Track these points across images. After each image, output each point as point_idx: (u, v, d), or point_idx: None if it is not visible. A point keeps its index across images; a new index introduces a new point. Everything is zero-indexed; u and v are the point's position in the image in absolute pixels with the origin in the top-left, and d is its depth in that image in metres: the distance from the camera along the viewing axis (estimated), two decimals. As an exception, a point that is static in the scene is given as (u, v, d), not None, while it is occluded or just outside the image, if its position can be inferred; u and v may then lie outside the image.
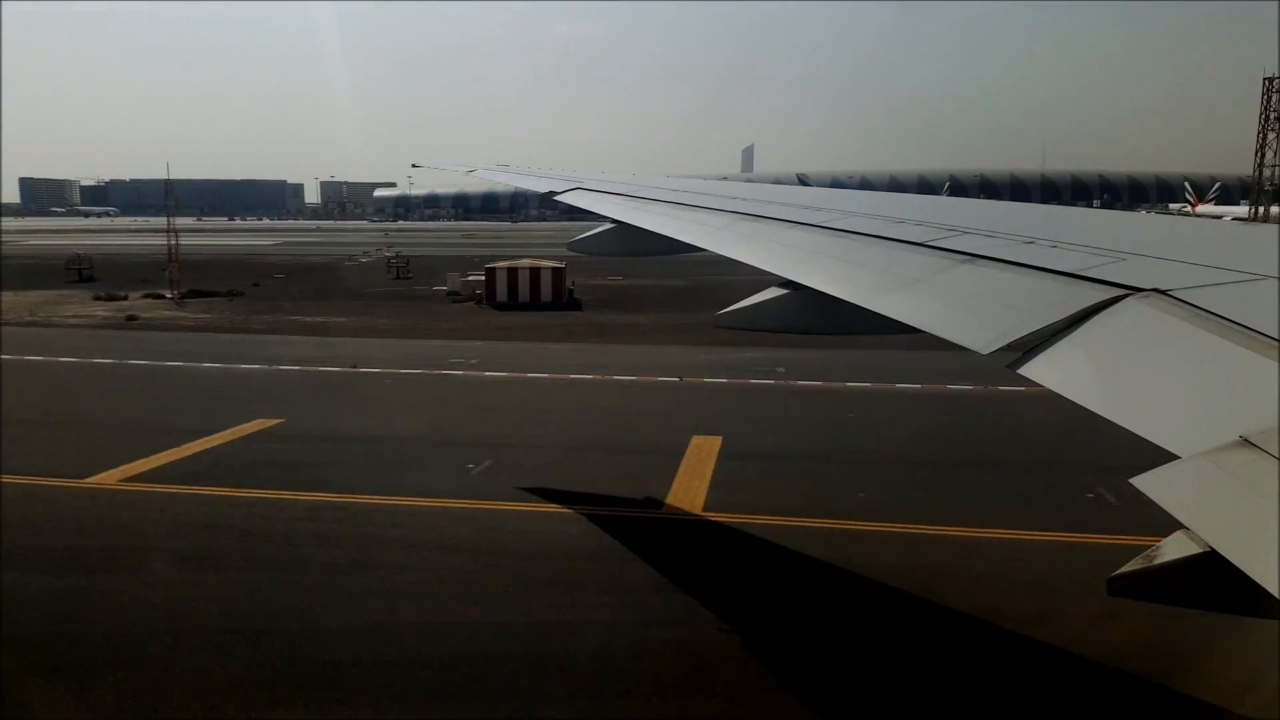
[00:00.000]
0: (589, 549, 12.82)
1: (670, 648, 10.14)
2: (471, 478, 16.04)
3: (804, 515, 13.97)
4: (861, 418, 21.20)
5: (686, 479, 15.78)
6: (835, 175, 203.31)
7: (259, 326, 38.29)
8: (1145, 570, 2.81)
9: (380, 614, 10.88)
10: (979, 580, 11.90)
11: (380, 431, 19.96)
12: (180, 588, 11.68)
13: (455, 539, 13.23)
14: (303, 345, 33.08)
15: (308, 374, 27.41)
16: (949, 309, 4.79)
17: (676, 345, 32.38)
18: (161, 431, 19.06)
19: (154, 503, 14.88)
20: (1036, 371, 3.63)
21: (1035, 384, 3.60)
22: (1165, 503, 2.40)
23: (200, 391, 25.36)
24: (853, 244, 6.45)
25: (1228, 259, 4.22)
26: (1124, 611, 7.79)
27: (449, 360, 28.84)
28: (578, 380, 25.99)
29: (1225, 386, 2.96)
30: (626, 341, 33.92)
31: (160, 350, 31.51)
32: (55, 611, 10.97)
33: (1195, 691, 8.93)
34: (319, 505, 14.56)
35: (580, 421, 21.09)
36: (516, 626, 10.59)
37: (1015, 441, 18.84)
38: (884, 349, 27.74)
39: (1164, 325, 3.44)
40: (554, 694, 9.11)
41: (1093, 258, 4.55)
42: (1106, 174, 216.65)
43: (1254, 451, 2.38)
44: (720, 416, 21.03)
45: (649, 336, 34.97)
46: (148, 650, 10.00)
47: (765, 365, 26.88)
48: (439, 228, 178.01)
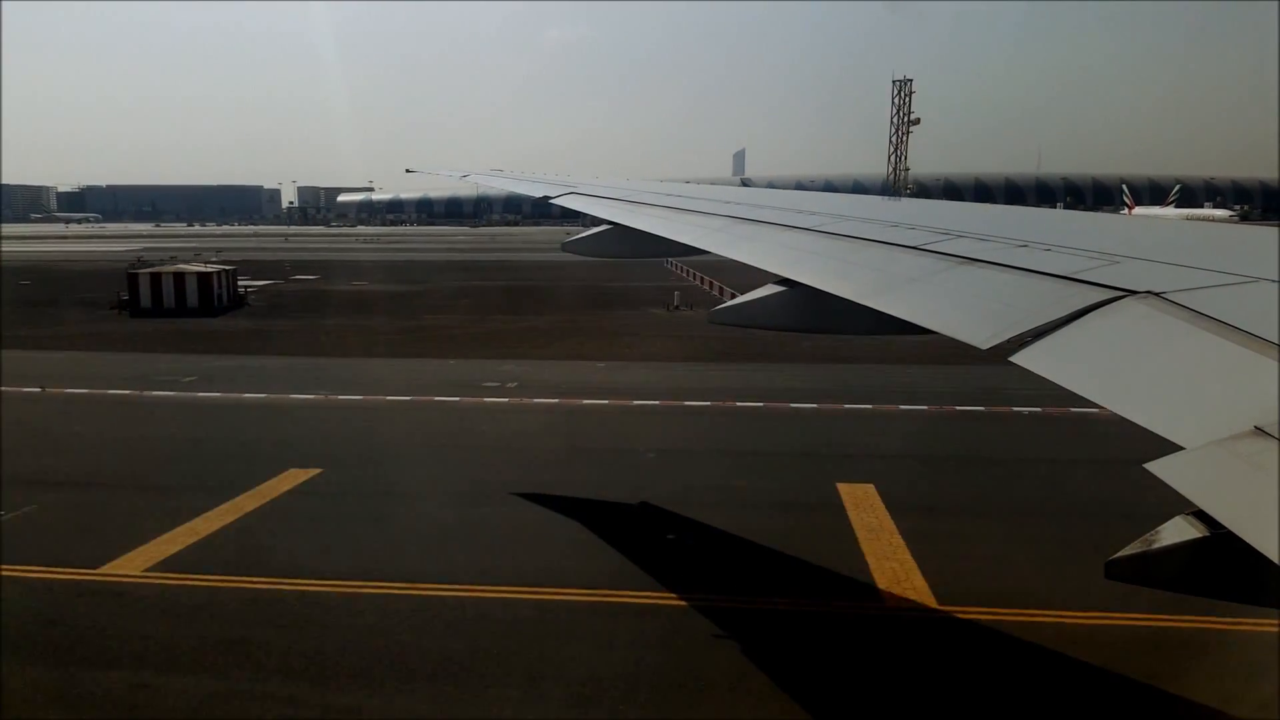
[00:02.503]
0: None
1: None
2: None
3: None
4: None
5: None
6: (799, 179, 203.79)
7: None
8: (1144, 554, 2.82)
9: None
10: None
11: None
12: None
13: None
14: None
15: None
16: (948, 307, 4.86)
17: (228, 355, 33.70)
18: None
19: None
20: (1032, 362, 3.69)
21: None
22: (1180, 487, 2.44)
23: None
24: (850, 246, 6.58)
25: (1221, 261, 4.29)
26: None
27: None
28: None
29: (1224, 380, 3.01)
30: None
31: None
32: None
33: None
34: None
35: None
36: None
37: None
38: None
39: (1160, 324, 3.50)
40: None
41: (1086, 261, 4.63)
42: (1094, 176, 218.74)
43: (1269, 440, 2.42)
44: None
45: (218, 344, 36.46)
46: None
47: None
48: (381, 233, 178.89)
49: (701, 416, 23.45)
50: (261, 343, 36.92)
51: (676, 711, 9.34)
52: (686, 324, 40.92)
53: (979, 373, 25.69)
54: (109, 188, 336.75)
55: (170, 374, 28.91)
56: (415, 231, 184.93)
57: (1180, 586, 2.85)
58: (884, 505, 15.49)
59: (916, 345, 26.96)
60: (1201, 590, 2.81)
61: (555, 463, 18.79)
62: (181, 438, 21.58)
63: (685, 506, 15.61)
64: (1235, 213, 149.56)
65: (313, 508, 15.98)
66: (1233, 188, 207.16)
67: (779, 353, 31.29)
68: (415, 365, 31.63)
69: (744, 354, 31.50)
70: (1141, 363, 3.41)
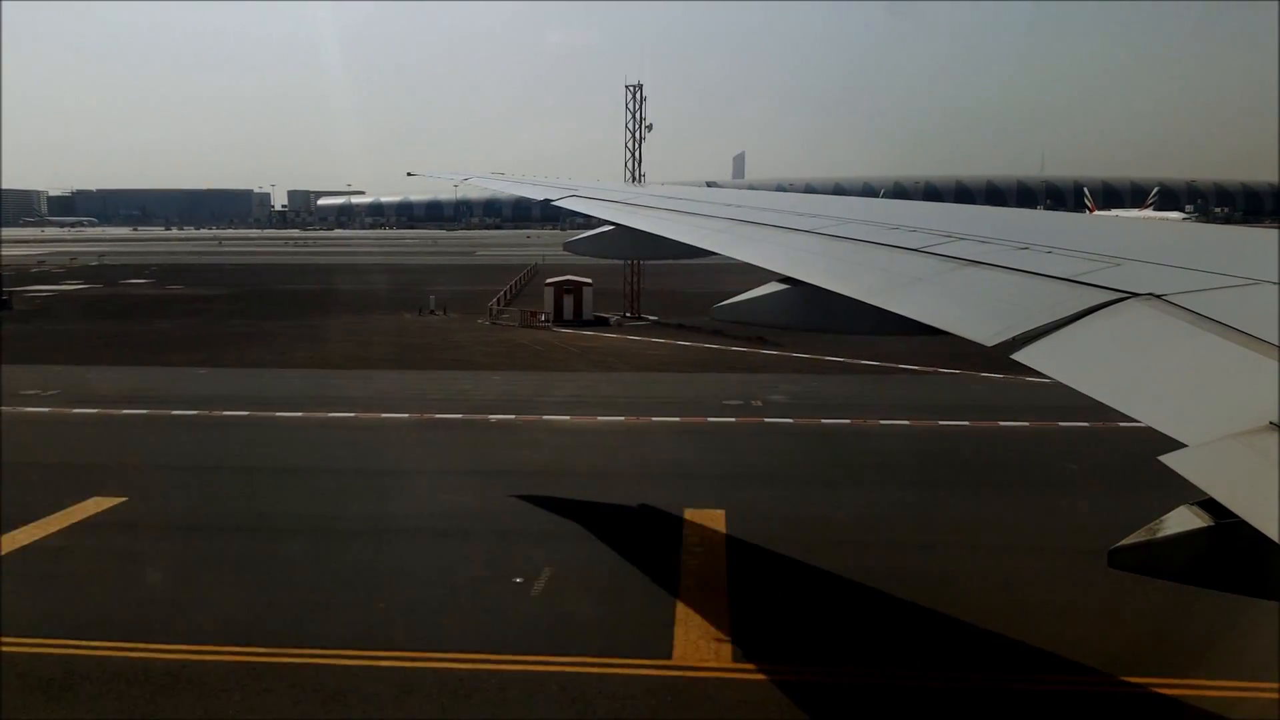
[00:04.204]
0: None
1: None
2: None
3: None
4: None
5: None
6: (779, 181, 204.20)
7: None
8: (1148, 543, 2.82)
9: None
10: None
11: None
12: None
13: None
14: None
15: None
16: (952, 307, 4.92)
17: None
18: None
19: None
20: (1034, 359, 3.73)
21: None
22: (1195, 478, 2.46)
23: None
24: (854, 248, 6.70)
25: (1222, 264, 4.35)
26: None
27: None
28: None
29: (1225, 380, 3.05)
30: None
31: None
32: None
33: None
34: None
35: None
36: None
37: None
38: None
39: (1161, 324, 3.56)
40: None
41: (1088, 263, 4.70)
42: (1074, 179, 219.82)
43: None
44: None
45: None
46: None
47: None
48: (347, 235, 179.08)
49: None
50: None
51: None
52: (422, 329, 41.28)
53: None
54: (99, 192, 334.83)
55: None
56: (383, 235, 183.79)
57: (1185, 577, 2.86)
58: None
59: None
60: (1207, 582, 2.81)
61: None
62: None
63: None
64: (1188, 214, 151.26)
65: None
66: (1215, 190, 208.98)
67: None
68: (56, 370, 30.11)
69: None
70: (1143, 363, 3.47)
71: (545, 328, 40.93)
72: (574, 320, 42.26)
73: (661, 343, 36.28)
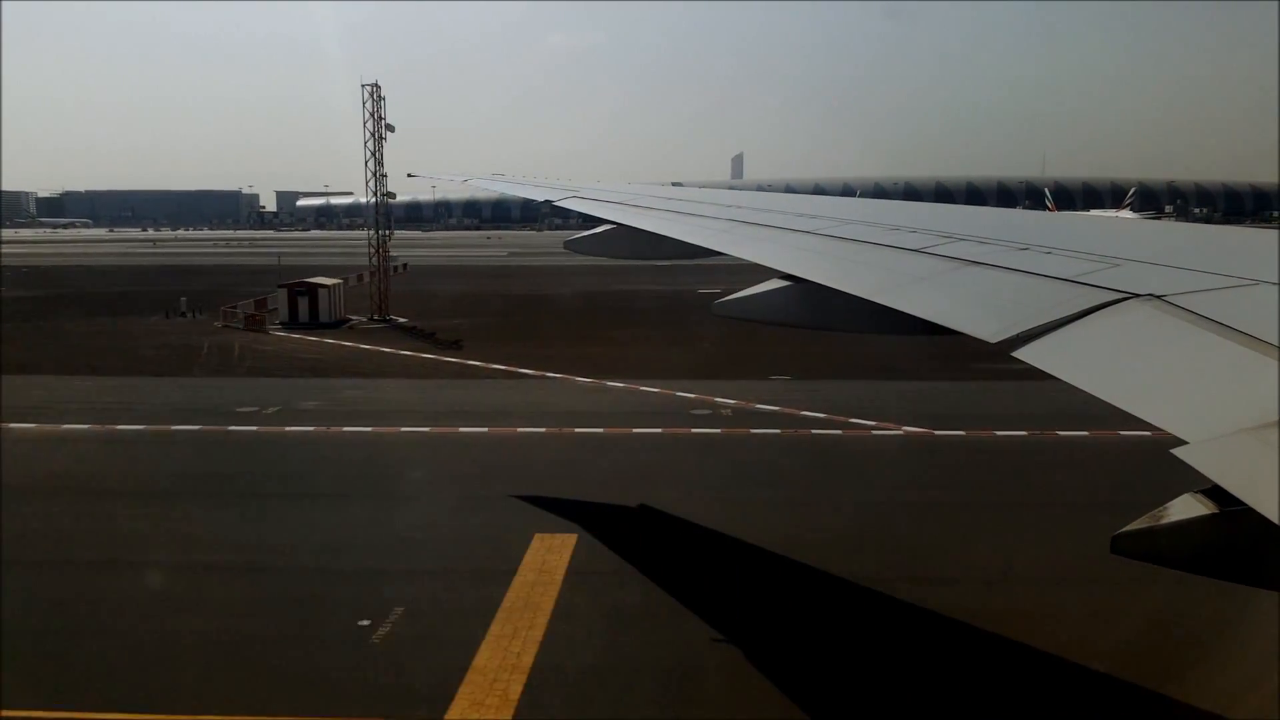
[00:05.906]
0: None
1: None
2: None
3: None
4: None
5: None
6: (760, 182, 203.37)
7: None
8: (1152, 530, 2.82)
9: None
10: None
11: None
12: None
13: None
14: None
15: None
16: (955, 305, 4.96)
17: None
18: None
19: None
20: (1036, 358, 3.76)
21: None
22: (1207, 470, 2.50)
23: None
24: (856, 248, 6.76)
25: (1220, 264, 4.40)
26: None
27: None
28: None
29: (1226, 380, 3.09)
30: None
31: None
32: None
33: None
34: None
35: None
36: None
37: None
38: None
39: (1162, 324, 3.60)
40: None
41: (1088, 264, 4.74)
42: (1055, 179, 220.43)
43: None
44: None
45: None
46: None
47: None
48: (310, 237, 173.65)
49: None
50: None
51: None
52: (133, 333, 40.84)
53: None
54: (88, 193, 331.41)
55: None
56: (348, 235, 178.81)
57: (1188, 565, 2.87)
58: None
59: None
60: (1210, 570, 2.82)
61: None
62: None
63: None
64: (1166, 215, 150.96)
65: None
66: (1195, 190, 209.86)
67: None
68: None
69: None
70: (1143, 361, 3.52)
71: (261, 330, 40.26)
72: (308, 323, 42.18)
73: (349, 346, 35.90)
